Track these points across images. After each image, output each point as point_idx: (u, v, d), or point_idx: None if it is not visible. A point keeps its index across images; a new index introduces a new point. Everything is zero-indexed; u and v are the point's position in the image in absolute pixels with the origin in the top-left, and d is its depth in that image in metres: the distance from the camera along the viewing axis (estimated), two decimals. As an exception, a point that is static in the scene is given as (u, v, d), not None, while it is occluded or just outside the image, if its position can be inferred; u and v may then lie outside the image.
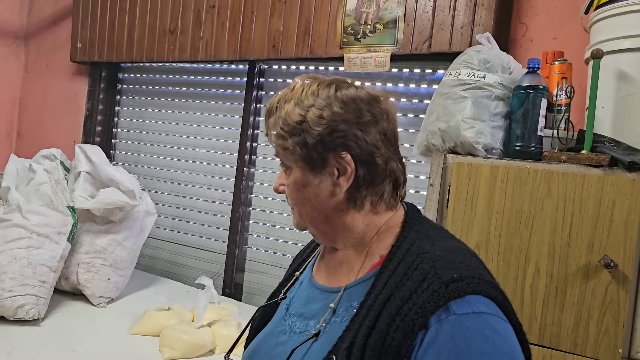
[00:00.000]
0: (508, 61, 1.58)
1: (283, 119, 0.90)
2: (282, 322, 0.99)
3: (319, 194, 0.91)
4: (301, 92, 0.91)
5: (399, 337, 0.76)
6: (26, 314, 1.79)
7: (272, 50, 2.26)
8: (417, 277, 0.81)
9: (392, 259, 0.87)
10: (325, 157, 0.89)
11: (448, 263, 0.82)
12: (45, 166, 2.09)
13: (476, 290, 0.78)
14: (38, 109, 3.26)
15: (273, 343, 0.96)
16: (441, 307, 0.76)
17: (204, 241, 2.71)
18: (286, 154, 0.92)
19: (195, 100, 2.77)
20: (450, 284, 0.78)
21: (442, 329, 0.75)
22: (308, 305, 0.96)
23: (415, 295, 0.78)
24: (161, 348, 1.72)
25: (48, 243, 1.92)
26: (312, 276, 1.02)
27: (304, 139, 0.89)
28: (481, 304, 0.78)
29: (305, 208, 0.93)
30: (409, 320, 0.77)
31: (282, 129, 0.90)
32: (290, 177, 0.93)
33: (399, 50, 1.94)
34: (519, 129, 1.45)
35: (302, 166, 0.91)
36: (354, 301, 0.88)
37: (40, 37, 3.25)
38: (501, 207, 1.39)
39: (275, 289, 1.11)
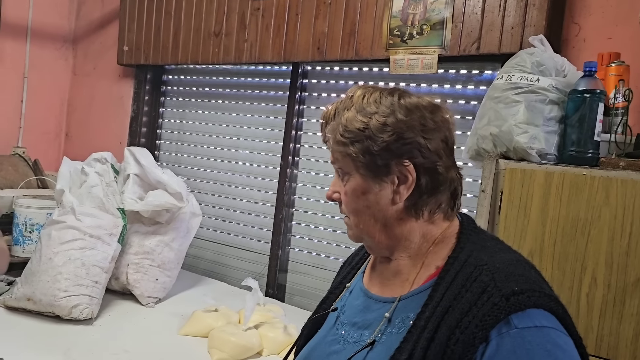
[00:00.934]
0: (562, 64, 1.54)
1: (344, 125, 0.90)
2: (334, 331, 0.99)
3: (378, 202, 0.91)
4: (362, 100, 0.91)
5: (459, 350, 0.76)
6: (80, 313, 1.85)
7: (317, 53, 2.26)
8: (476, 289, 0.81)
9: (449, 270, 0.86)
10: (388, 164, 0.89)
11: (508, 275, 0.81)
12: (96, 169, 2.14)
13: (537, 303, 0.78)
14: (85, 110, 3.35)
15: (326, 352, 0.97)
16: (502, 320, 0.76)
17: (246, 242, 2.74)
18: (346, 161, 0.92)
19: (238, 101, 2.80)
20: (510, 297, 0.77)
21: (503, 342, 0.75)
22: (362, 315, 0.96)
23: (475, 308, 0.78)
24: (210, 349, 1.75)
25: (100, 244, 1.97)
26: (364, 285, 1.02)
27: (367, 146, 0.89)
28: (542, 318, 0.78)
29: (363, 216, 0.93)
30: (469, 333, 0.76)
31: (343, 136, 0.90)
32: (349, 184, 0.92)
33: (447, 52, 1.92)
34: (574, 134, 1.41)
35: (364, 173, 0.91)
36: (410, 312, 0.88)
37: (88, 40, 3.34)
38: (556, 215, 1.36)
39: (324, 297, 1.11)
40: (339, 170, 0.94)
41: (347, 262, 1.18)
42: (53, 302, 1.82)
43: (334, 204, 0.98)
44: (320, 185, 2.47)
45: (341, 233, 2.40)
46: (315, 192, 2.49)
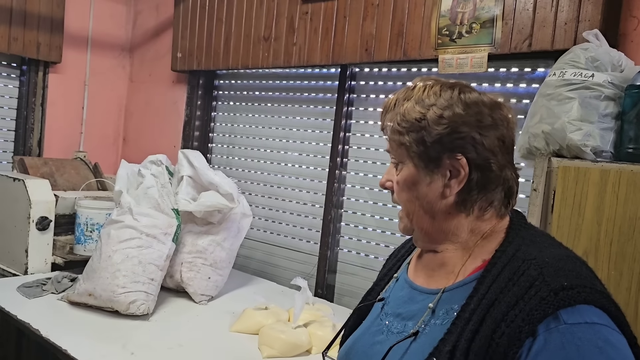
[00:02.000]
0: (619, 58, 1.49)
1: (401, 115, 0.92)
2: (378, 322, 1.00)
3: (427, 194, 0.92)
4: (422, 92, 0.93)
5: (505, 344, 0.76)
6: (137, 309, 1.92)
7: (365, 54, 2.27)
8: (524, 283, 0.80)
9: (496, 264, 0.86)
10: (440, 157, 0.90)
11: (557, 270, 0.80)
12: (152, 171, 2.23)
13: (587, 299, 0.76)
14: (141, 115, 3.49)
15: (370, 342, 0.98)
16: (550, 315, 0.75)
17: (295, 242, 2.77)
18: (400, 150, 0.93)
19: (287, 104, 2.85)
20: (559, 292, 0.76)
21: (551, 338, 0.74)
22: (406, 306, 0.97)
23: (521, 301, 0.77)
24: (260, 346, 1.78)
25: (156, 243, 2.05)
26: (409, 277, 1.03)
27: (421, 137, 0.90)
28: (593, 315, 0.76)
29: (412, 206, 0.94)
30: (515, 327, 0.76)
31: (400, 125, 0.92)
32: (401, 174, 0.94)
33: (497, 50, 1.89)
34: (632, 131, 1.37)
35: (416, 163, 0.92)
36: (454, 304, 0.88)
37: (144, 48, 3.47)
38: (612, 213, 1.32)
39: (370, 288, 1.12)
40: (394, 159, 0.96)
41: (393, 254, 1.19)
42: (112, 298, 1.91)
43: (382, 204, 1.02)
44: (369, 186, 2.48)
45: (390, 234, 2.40)
46: (364, 193, 2.50)
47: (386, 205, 2.41)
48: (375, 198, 2.45)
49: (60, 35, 3.12)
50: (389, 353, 0.90)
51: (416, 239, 0.99)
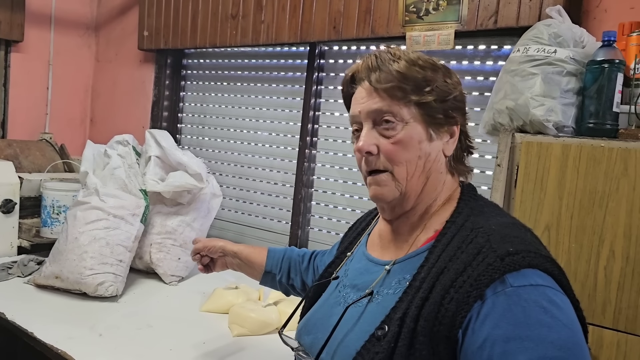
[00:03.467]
0: (581, 35, 1.51)
1: (401, 74, 0.92)
2: (335, 294, 1.03)
3: (431, 153, 0.95)
4: (409, 55, 0.95)
5: (453, 309, 0.78)
6: (106, 290, 1.90)
7: (333, 32, 2.26)
8: (472, 250, 0.83)
9: (446, 234, 0.90)
10: (447, 116, 0.95)
11: (503, 237, 0.83)
12: (119, 151, 2.19)
13: (532, 263, 0.79)
14: (109, 96, 3.41)
15: (328, 313, 1.00)
16: (497, 279, 0.77)
17: (267, 222, 2.77)
18: (404, 109, 0.93)
19: (256, 83, 2.82)
20: (505, 257, 0.79)
21: (498, 301, 0.76)
22: (361, 277, 1.00)
23: (469, 268, 0.80)
24: (230, 325, 1.78)
25: (123, 224, 2.02)
26: (367, 249, 1.06)
27: (431, 95, 0.93)
28: (538, 277, 0.79)
29: (412, 167, 0.93)
30: (464, 292, 0.78)
31: (404, 83, 0.92)
32: (404, 132, 0.92)
33: (464, 27, 1.89)
34: (592, 106, 1.39)
35: (426, 120, 0.93)
36: (406, 274, 0.91)
37: (109, 27, 3.39)
38: (573, 187, 1.35)
39: (331, 261, 1.14)
40: (387, 119, 0.93)
41: (353, 227, 1.21)
42: (80, 280, 1.88)
43: (352, 183, 1.03)
44: (339, 165, 2.48)
45: (360, 212, 2.41)
46: (334, 172, 2.50)
47: (356, 184, 2.42)
48: (345, 177, 2.46)
49: (21, 13, 3.01)
50: (345, 315, 0.93)
51: (393, 206, 0.98)
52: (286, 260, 1.43)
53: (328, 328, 0.95)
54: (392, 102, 0.92)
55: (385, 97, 0.92)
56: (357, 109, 0.96)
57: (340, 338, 0.91)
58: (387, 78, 0.92)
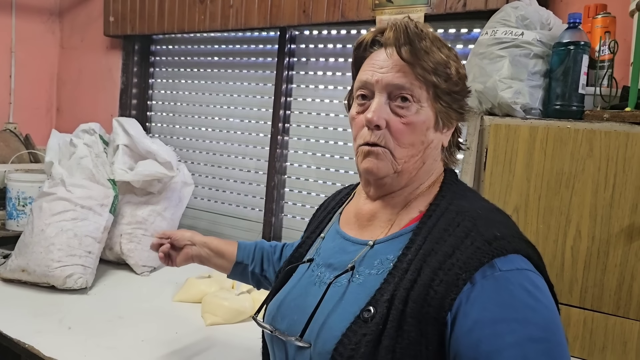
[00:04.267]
0: (547, 17, 1.52)
1: (430, 56, 0.89)
2: (309, 273, 1.00)
3: (433, 140, 0.94)
4: (437, 38, 0.93)
5: (442, 291, 0.78)
6: (74, 283, 1.87)
7: (303, 16, 2.23)
8: (459, 233, 0.83)
9: (432, 216, 0.89)
10: (457, 111, 0.95)
11: (489, 221, 0.85)
12: (85, 140, 2.14)
13: (517, 248, 0.82)
14: (75, 84, 3.33)
15: (302, 293, 0.97)
16: (486, 263, 0.79)
17: (240, 210, 2.75)
18: (423, 90, 0.90)
19: (227, 69, 2.78)
20: (493, 242, 0.81)
21: (487, 284, 0.78)
22: (337, 256, 0.97)
23: (458, 251, 0.81)
24: (203, 314, 1.77)
25: (92, 215, 1.98)
26: (340, 227, 1.03)
27: (450, 85, 0.92)
28: (522, 262, 0.81)
29: (413, 150, 0.91)
30: (453, 274, 0.79)
31: (437, 67, 0.90)
32: (418, 115, 0.90)
33: (433, 10, 1.89)
34: (559, 88, 1.40)
35: (439, 109, 0.92)
36: (389, 254, 0.89)
37: (74, 12, 3.29)
38: (540, 169, 1.36)
39: (301, 242, 1.11)
40: (405, 97, 0.90)
41: (322, 206, 1.18)
42: (47, 273, 1.84)
43: (325, 169, 1.00)
44: (312, 151, 2.47)
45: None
46: (308, 158, 2.48)
47: (329, 169, 2.41)
48: (319, 163, 2.45)
49: (-20, -1, 2.91)
50: (327, 293, 0.90)
51: (383, 183, 0.95)
52: (259, 250, 1.39)
53: (305, 309, 0.92)
54: (415, 81, 0.89)
55: (410, 74, 0.89)
56: (374, 77, 0.91)
57: (322, 319, 0.88)
58: (416, 55, 0.88)
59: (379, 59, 0.92)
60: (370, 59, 0.95)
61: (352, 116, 0.96)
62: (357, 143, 0.94)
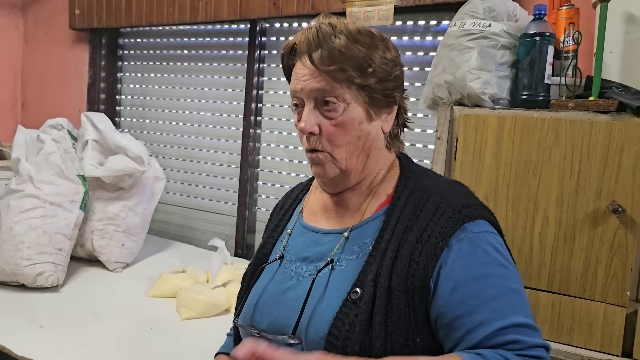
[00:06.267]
0: (514, 9, 1.55)
1: (345, 53, 0.89)
2: (282, 270, 1.00)
3: (370, 132, 0.95)
4: (350, 29, 0.91)
5: (424, 261, 0.85)
6: (45, 280, 1.84)
7: (273, 8, 2.22)
8: (430, 208, 0.90)
9: (400, 197, 0.94)
10: (387, 97, 0.95)
11: (454, 194, 0.93)
12: (53, 136, 2.10)
13: (482, 214, 0.90)
14: (40, 78, 3.25)
15: (279, 290, 0.97)
16: (458, 229, 0.86)
17: (214, 204, 2.74)
18: (344, 90, 0.91)
19: (197, 63, 2.75)
20: (462, 210, 0.88)
21: (463, 246, 0.86)
22: (311, 249, 0.99)
23: (431, 223, 0.88)
24: (178, 309, 1.76)
25: (61, 212, 1.95)
26: (305, 222, 1.04)
27: (372, 77, 0.92)
28: (487, 226, 0.90)
29: (352, 147, 0.94)
30: (431, 244, 0.86)
31: (346, 64, 0.90)
32: (345, 115, 0.91)
33: (402, 2, 1.90)
34: (525, 78, 1.43)
35: (367, 102, 0.93)
36: (366, 238, 0.94)
37: (38, 5, 3.21)
38: (509, 158, 1.39)
39: (262, 243, 1.10)
40: (328, 100, 0.91)
41: (278, 206, 1.19)
42: (17, 271, 1.81)
43: (298, 162, 1.00)
44: (285, 144, 2.47)
45: (307, 190, 2.42)
46: (280, 150, 2.48)
47: (302, 162, 2.42)
48: (292, 156, 2.45)
49: (-62, -9, 2.82)
50: (315, 285, 0.91)
51: (335, 182, 0.98)
52: None
53: (286, 303, 0.93)
54: (335, 83, 0.90)
55: (328, 77, 0.90)
56: (298, 86, 0.93)
57: (310, 310, 0.90)
58: (330, 58, 0.89)
59: (300, 68, 0.94)
60: (295, 67, 0.96)
61: (295, 124, 0.97)
62: (304, 149, 0.97)
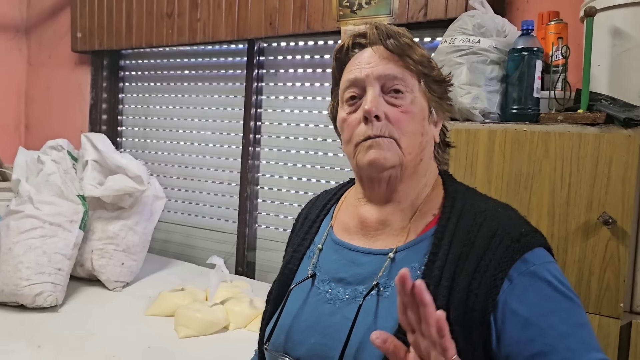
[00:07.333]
0: (503, 24, 1.57)
1: (413, 48, 0.90)
2: (315, 291, 0.93)
3: (428, 132, 0.92)
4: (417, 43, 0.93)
5: (483, 293, 0.79)
6: (44, 301, 1.85)
7: (270, 28, 2.26)
8: (486, 234, 0.83)
9: (450, 218, 0.87)
10: (444, 99, 0.94)
11: (509, 219, 0.86)
12: (53, 157, 2.13)
13: (540, 242, 0.84)
14: (43, 101, 3.30)
15: (315, 314, 0.90)
16: (518, 260, 0.80)
17: (214, 222, 2.75)
18: (415, 80, 0.90)
19: (197, 82, 2.79)
20: (521, 239, 0.82)
21: (525, 280, 0.79)
22: (348, 270, 0.91)
23: (489, 252, 0.81)
24: (176, 327, 1.76)
25: (61, 232, 1.96)
26: (339, 238, 0.96)
27: (436, 76, 0.92)
28: (547, 255, 0.84)
29: (414, 141, 0.89)
30: (490, 276, 0.79)
31: (422, 59, 0.90)
32: (414, 106, 0.89)
33: (395, 20, 1.93)
34: (515, 92, 1.45)
35: (428, 97, 0.92)
36: (413, 262, 0.86)
37: (41, 29, 3.27)
38: (500, 171, 1.40)
39: (289, 257, 1.02)
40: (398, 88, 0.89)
41: (301, 216, 1.11)
42: (16, 292, 1.82)
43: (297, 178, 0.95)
44: (284, 161, 2.49)
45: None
46: (280, 168, 2.50)
47: (301, 179, 2.43)
48: (291, 173, 2.47)
49: (-56, 17, 2.88)
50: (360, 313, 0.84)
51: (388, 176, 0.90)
52: None
53: (326, 331, 0.87)
54: (405, 70, 0.89)
55: (400, 64, 0.89)
56: (363, 72, 0.89)
57: (358, 340, 0.82)
58: (401, 47, 0.89)
59: (364, 57, 0.91)
60: (354, 59, 0.93)
61: (343, 118, 0.92)
62: (353, 142, 0.90)
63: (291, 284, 0.98)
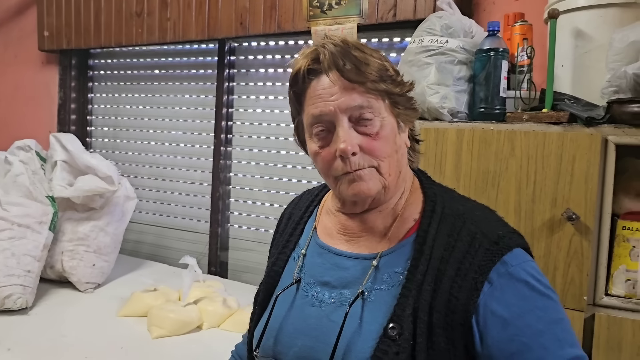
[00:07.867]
0: (470, 25, 1.60)
1: (369, 65, 0.87)
2: (302, 295, 0.94)
3: (402, 145, 0.93)
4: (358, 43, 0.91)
5: (464, 297, 0.81)
6: (14, 303, 1.82)
7: (240, 28, 2.26)
8: (465, 238, 0.85)
9: (431, 223, 0.89)
10: (409, 107, 0.94)
11: (488, 223, 0.88)
12: (20, 157, 2.09)
13: (517, 243, 0.86)
14: (11, 101, 3.23)
15: (301, 317, 0.92)
16: (497, 262, 0.82)
17: (187, 222, 2.74)
18: (379, 103, 0.88)
19: (167, 82, 2.77)
20: (499, 241, 0.84)
21: (504, 281, 0.82)
22: (332, 273, 0.93)
23: (468, 255, 0.83)
24: (149, 327, 1.76)
25: (30, 233, 1.93)
26: (323, 242, 0.98)
27: (400, 90, 0.91)
28: (524, 254, 0.86)
29: (392, 161, 0.90)
30: (470, 279, 0.82)
31: (381, 74, 0.88)
32: (385, 128, 0.88)
33: (365, 21, 1.96)
34: (482, 92, 1.49)
35: (395, 113, 0.91)
36: (396, 267, 0.88)
37: (6, 27, 3.20)
38: (468, 169, 1.44)
39: (274, 259, 1.03)
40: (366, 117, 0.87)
41: (284, 216, 1.13)
42: (-17, 295, 1.79)
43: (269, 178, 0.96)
44: (256, 161, 2.49)
45: (281, 207, 2.44)
46: (252, 168, 2.51)
47: (273, 178, 2.44)
48: (263, 172, 2.47)
49: None
50: (334, 316, 0.87)
51: (369, 201, 0.92)
52: None
53: (312, 333, 0.89)
54: (370, 97, 0.87)
55: (362, 90, 0.86)
56: (328, 107, 0.87)
57: (344, 344, 0.84)
58: (358, 70, 0.86)
59: (324, 87, 0.88)
60: (313, 90, 0.90)
61: (315, 152, 0.91)
62: (331, 176, 0.90)
63: (277, 286, 1.00)
